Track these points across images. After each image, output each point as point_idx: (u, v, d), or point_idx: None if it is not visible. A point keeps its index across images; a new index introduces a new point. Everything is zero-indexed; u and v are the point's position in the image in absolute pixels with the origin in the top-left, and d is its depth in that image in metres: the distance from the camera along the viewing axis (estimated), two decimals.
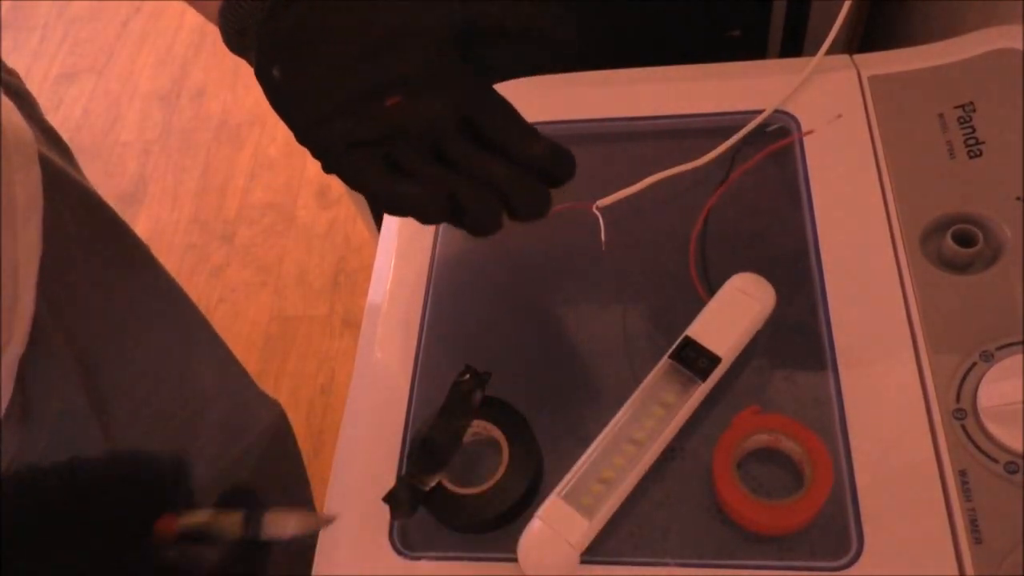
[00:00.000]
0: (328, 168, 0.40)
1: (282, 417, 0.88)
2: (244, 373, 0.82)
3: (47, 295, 0.50)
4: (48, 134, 0.60)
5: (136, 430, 0.59)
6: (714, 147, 0.55)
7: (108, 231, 0.62)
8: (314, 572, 0.45)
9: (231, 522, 0.31)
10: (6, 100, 0.54)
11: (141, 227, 1.70)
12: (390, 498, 0.44)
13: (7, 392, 0.47)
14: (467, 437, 0.47)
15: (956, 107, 0.54)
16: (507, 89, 0.63)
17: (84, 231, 0.57)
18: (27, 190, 0.50)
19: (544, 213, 0.41)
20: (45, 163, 0.53)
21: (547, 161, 0.40)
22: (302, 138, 0.40)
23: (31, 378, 0.49)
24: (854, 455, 0.44)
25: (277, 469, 0.84)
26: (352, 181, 0.40)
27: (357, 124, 0.39)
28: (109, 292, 0.59)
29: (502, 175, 0.40)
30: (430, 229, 0.57)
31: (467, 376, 0.47)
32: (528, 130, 0.41)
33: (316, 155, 0.40)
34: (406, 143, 0.39)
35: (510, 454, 0.46)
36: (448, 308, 0.54)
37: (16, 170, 0.50)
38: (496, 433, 0.47)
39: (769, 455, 0.44)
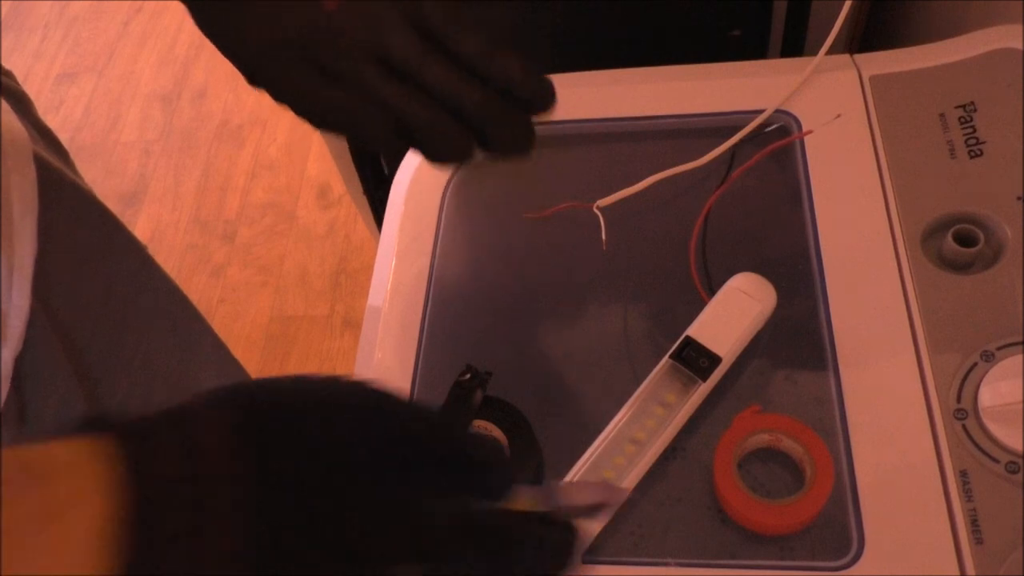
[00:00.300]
0: (253, 80, 0.35)
1: None
2: (246, 375, 0.82)
3: (42, 296, 0.50)
4: (44, 134, 0.60)
5: None
6: (715, 147, 0.55)
7: (104, 232, 0.62)
8: None
9: (527, 499, 0.30)
10: (2, 102, 0.54)
11: (142, 227, 1.70)
12: None
13: (4, 391, 0.47)
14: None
15: (957, 107, 0.54)
16: None
17: (80, 232, 0.57)
18: (22, 191, 0.50)
19: (529, 148, 0.36)
20: (40, 163, 0.53)
21: (524, 83, 0.35)
22: (226, 49, 0.35)
23: (28, 378, 0.49)
24: (855, 455, 0.43)
25: None
26: (276, 91, 0.35)
27: (285, 24, 0.34)
28: (105, 293, 0.59)
29: (470, 95, 0.34)
30: (430, 230, 0.57)
31: (468, 376, 0.47)
32: (499, 42, 0.35)
33: (241, 68, 0.35)
34: (343, 47, 0.34)
35: (511, 453, 0.46)
36: (448, 308, 0.54)
37: (11, 171, 0.50)
38: (497, 432, 0.47)
39: (770, 455, 0.44)
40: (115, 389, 0.58)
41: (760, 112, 0.56)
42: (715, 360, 0.46)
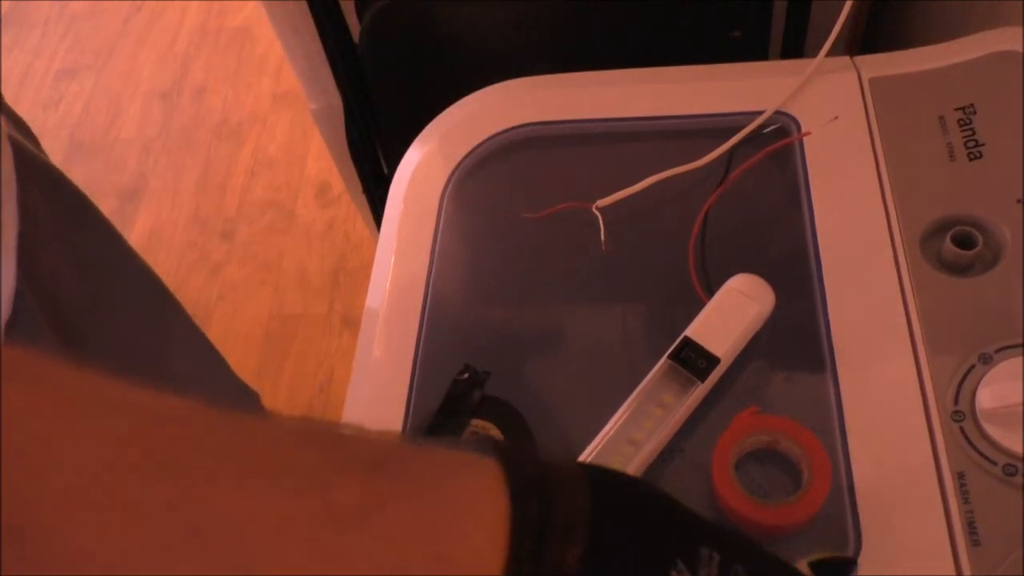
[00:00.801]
0: None
1: (262, 408, 0.88)
2: (222, 361, 0.82)
3: (24, 268, 0.51)
4: (11, 116, 0.60)
5: None
6: (714, 148, 0.55)
7: (76, 211, 0.62)
8: None
9: None
10: None
11: (141, 224, 1.70)
12: None
13: None
14: (465, 436, 0.47)
15: (956, 109, 0.54)
16: (506, 89, 0.63)
17: (54, 209, 0.58)
18: (3, 167, 0.51)
19: None
20: (12, 143, 0.54)
21: None
22: None
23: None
24: (852, 456, 0.43)
25: None
26: None
27: None
28: (81, 270, 0.60)
29: None
30: (429, 229, 0.57)
31: (466, 375, 0.47)
32: None
33: None
34: None
35: None
36: (447, 307, 0.54)
37: None
38: (494, 432, 0.47)
39: (768, 456, 0.44)
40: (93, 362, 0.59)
41: (760, 113, 0.57)
42: (713, 361, 0.46)
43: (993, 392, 0.43)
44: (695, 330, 0.47)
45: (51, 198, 0.58)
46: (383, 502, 0.23)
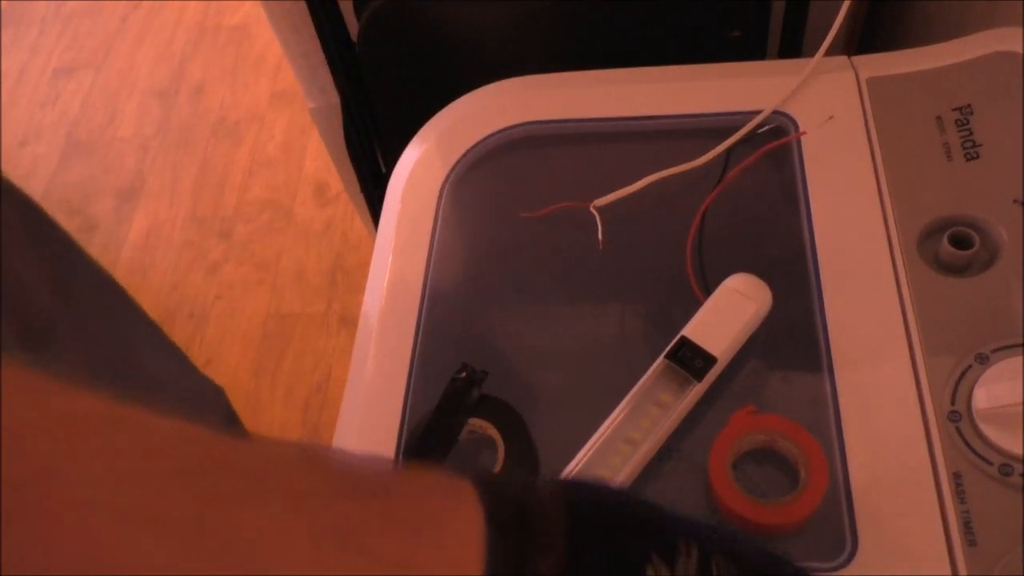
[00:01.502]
0: None
1: (229, 403, 0.88)
2: (187, 360, 0.82)
3: None
4: None
5: None
6: (712, 147, 0.55)
7: (35, 220, 0.62)
8: None
9: None
10: None
11: (138, 223, 1.69)
12: None
13: None
14: (463, 435, 0.47)
15: (954, 109, 0.54)
16: (503, 88, 0.63)
17: (10, 216, 0.58)
18: None
19: None
20: None
21: None
22: None
23: None
24: (849, 456, 0.44)
25: None
26: None
27: None
28: (46, 279, 0.60)
29: None
30: (427, 228, 0.57)
31: (463, 374, 0.47)
32: None
33: None
34: None
35: (506, 452, 0.46)
36: (445, 306, 0.54)
37: None
38: (492, 431, 0.47)
39: (765, 455, 0.44)
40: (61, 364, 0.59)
41: (758, 113, 0.57)
42: (710, 360, 0.46)
43: (989, 392, 0.43)
44: (692, 330, 0.47)
45: (7, 204, 0.58)
46: (376, 524, 0.25)
